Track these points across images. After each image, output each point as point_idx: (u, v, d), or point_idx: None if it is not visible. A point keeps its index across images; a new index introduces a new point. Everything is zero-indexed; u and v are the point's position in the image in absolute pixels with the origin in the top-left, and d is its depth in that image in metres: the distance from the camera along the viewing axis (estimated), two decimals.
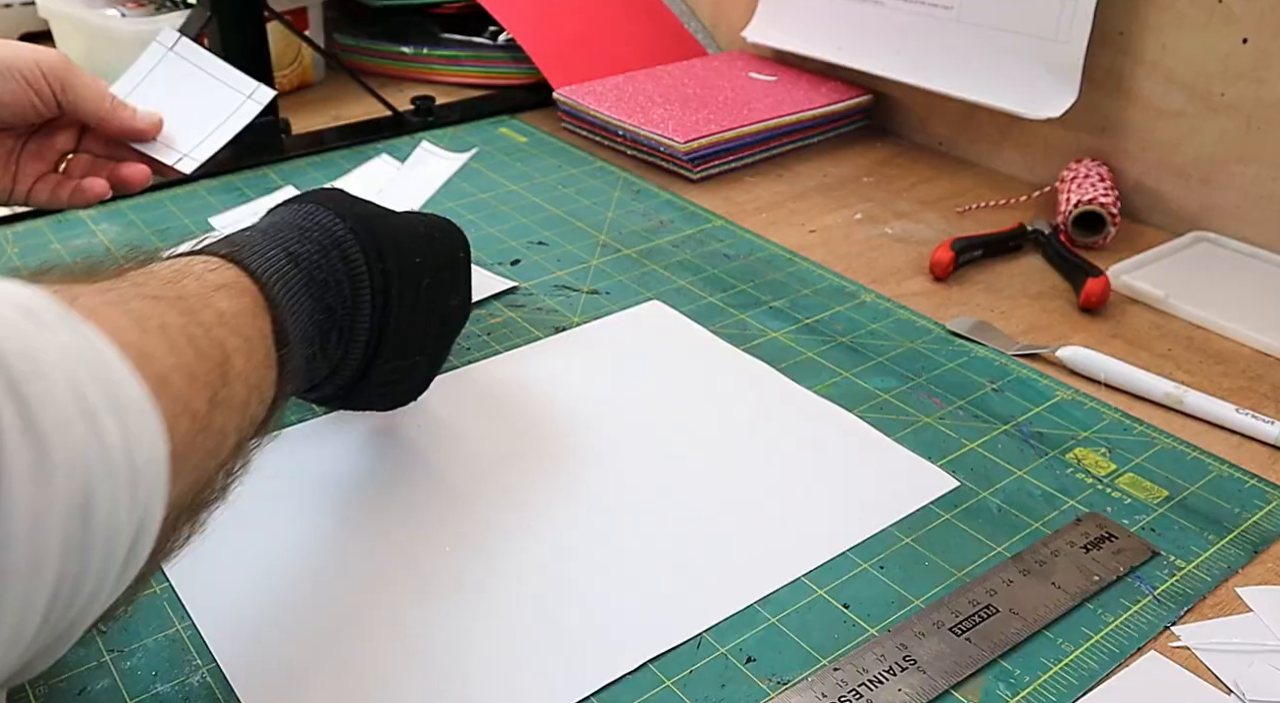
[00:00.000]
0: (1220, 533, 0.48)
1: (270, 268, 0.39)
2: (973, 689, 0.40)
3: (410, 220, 0.48)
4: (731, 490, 0.50)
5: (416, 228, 0.47)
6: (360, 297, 0.43)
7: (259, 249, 0.40)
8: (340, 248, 0.43)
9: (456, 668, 0.40)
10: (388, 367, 0.46)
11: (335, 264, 0.42)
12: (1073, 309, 0.67)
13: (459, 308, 0.50)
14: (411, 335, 0.46)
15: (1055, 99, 0.78)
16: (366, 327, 0.44)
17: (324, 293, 0.42)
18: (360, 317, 0.43)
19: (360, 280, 0.43)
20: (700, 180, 0.85)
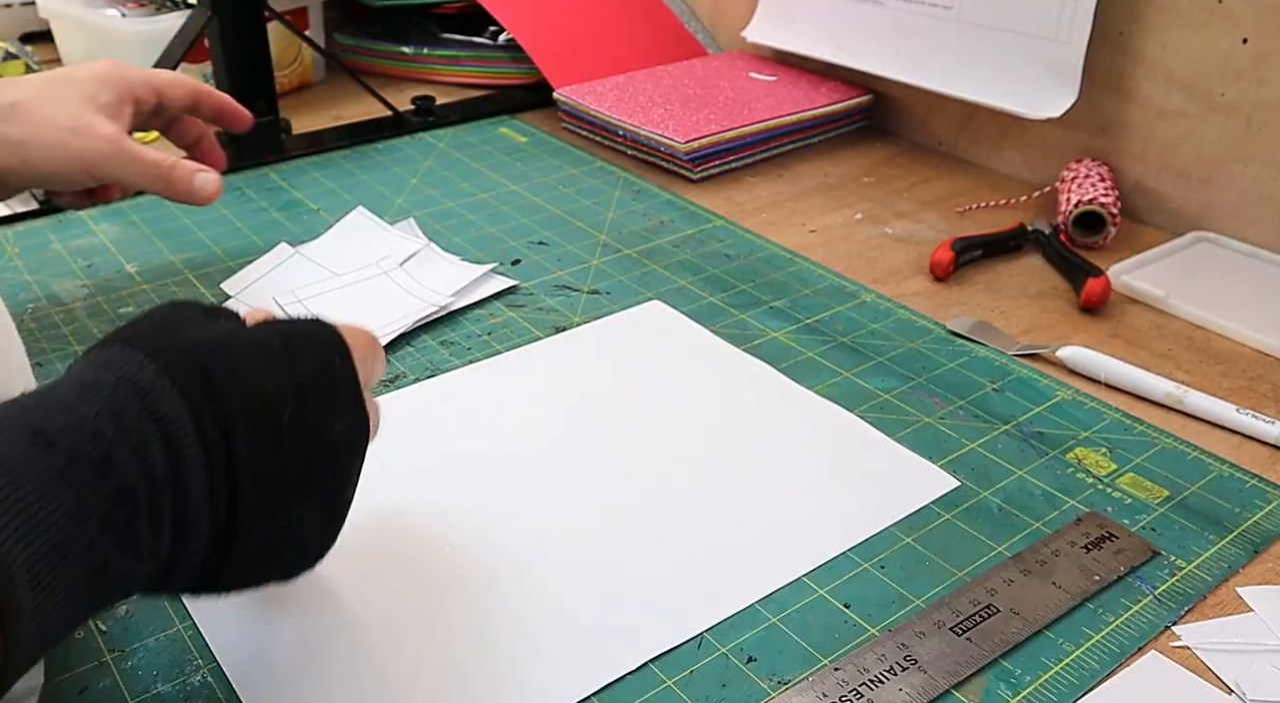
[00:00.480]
0: (1221, 533, 0.48)
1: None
2: (973, 689, 0.40)
3: (259, 337, 0.36)
4: (732, 491, 0.50)
5: (268, 345, 0.36)
6: (184, 459, 0.32)
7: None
8: (146, 400, 0.31)
9: (457, 667, 0.40)
10: (256, 536, 0.34)
11: (136, 425, 0.31)
12: (1073, 309, 0.67)
13: (348, 431, 0.37)
14: (284, 487, 0.35)
15: (1055, 99, 0.78)
16: (203, 495, 0.32)
17: (105, 475, 0.30)
18: (189, 485, 0.32)
19: (180, 438, 0.31)
20: (700, 180, 0.85)
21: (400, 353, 0.61)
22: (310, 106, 0.99)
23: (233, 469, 0.33)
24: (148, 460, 0.31)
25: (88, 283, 0.67)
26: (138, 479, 0.30)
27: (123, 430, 0.31)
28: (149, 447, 0.31)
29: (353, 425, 0.38)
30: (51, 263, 0.70)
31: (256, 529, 0.34)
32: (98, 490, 0.29)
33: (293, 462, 0.35)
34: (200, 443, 0.32)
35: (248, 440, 0.33)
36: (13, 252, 0.71)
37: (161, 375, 0.32)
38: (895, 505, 0.49)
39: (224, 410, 0.33)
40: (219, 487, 0.33)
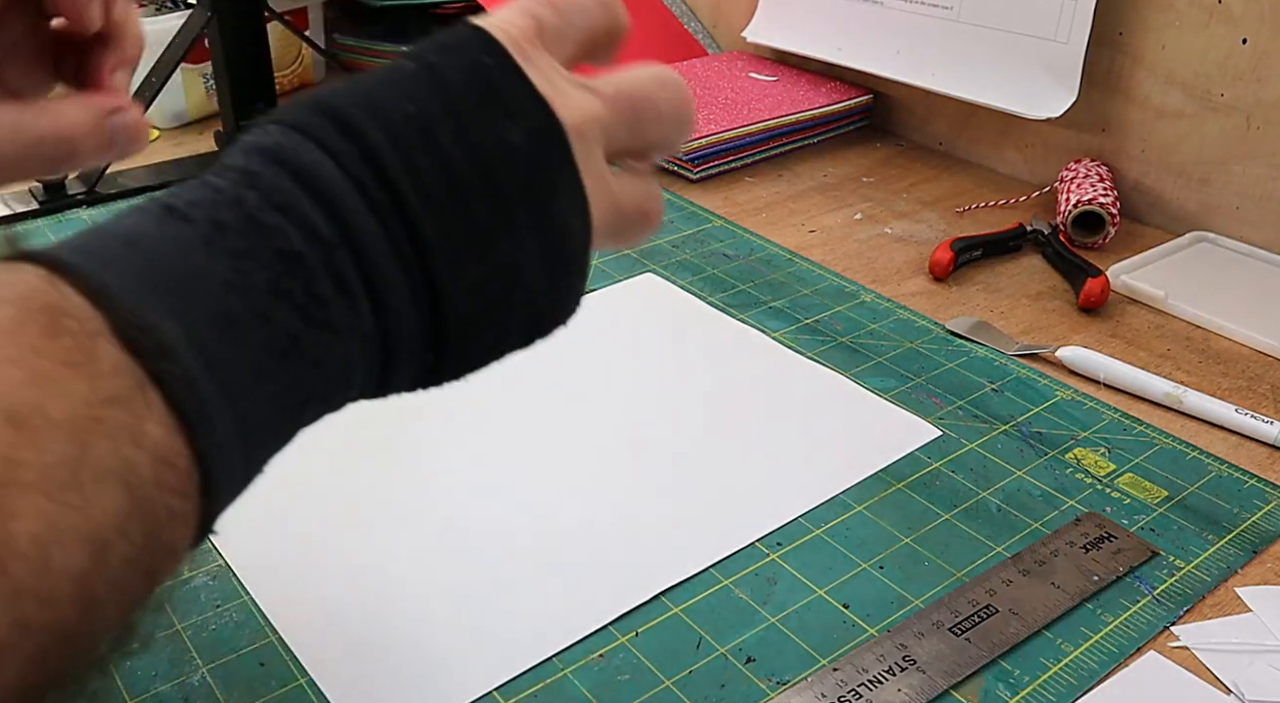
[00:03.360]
0: (1220, 533, 0.48)
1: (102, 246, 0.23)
2: (972, 689, 0.40)
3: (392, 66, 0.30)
4: (727, 441, 0.54)
5: (401, 69, 0.30)
6: (344, 209, 0.26)
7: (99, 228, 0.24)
8: (280, 159, 0.26)
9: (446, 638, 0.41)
10: (467, 283, 0.28)
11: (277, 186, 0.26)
12: (1072, 309, 0.67)
13: (535, 135, 0.29)
14: (476, 216, 0.28)
15: (1055, 99, 0.78)
16: (384, 246, 0.26)
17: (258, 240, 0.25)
18: (363, 236, 0.26)
19: (330, 186, 0.26)
20: (700, 180, 0.85)
21: None
22: None
23: (401, 206, 0.27)
24: (305, 220, 0.25)
25: None
26: (300, 241, 0.25)
27: (265, 195, 0.25)
28: (300, 206, 0.26)
29: (539, 129, 0.30)
30: None
31: (463, 276, 0.28)
32: (255, 257, 0.24)
33: (472, 185, 0.28)
34: (355, 187, 0.26)
35: (405, 170, 0.27)
36: None
37: (290, 132, 0.27)
38: (883, 452, 0.53)
39: (368, 146, 0.27)
40: (395, 231, 0.27)
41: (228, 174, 0.26)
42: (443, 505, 0.49)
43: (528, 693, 0.40)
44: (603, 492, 0.50)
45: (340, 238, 0.26)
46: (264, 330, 0.24)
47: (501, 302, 0.29)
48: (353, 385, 0.27)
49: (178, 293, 0.23)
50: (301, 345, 0.25)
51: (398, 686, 0.40)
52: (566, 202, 0.30)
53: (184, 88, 0.92)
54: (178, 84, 0.91)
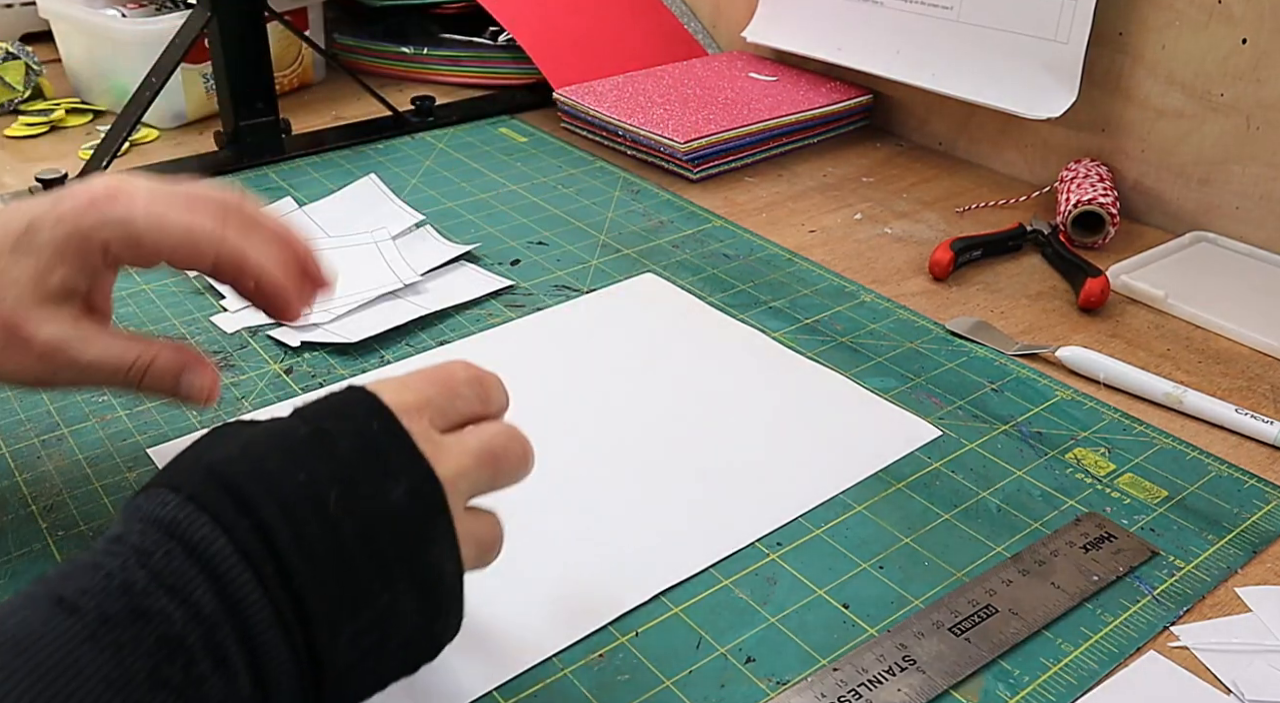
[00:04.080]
0: (1220, 533, 0.48)
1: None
2: (972, 689, 0.40)
3: (282, 429, 0.33)
4: (729, 442, 0.54)
5: (293, 434, 0.32)
6: (234, 585, 0.29)
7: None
8: (175, 535, 0.29)
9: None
10: (344, 639, 0.31)
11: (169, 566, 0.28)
12: (1072, 309, 0.67)
13: (413, 492, 0.32)
14: (355, 575, 0.31)
15: (1055, 99, 0.78)
16: (269, 615, 0.29)
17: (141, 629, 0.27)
18: (249, 610, 0.29)
19: (221, 563, 0.29)
20: (700, 180, 0.85)
21: (399, 352, 0.61)
22: (310, 106, 0.99)
23: (287, 577, 0.29)
24: (191, 599, 0.28)
25: None
26: (183, 623, 0.27)
27: (154, 575, 0.28)
28: (189, 584, 0.28)
29: (417, 486, 0.33)
30: None
31: (341, 634, 0.30)
32: (138, 647, 0.27)
33: (353, 547, 0.31)
34: (245, 561, 0.29)
35: (292, 540, 0.30)
36: None
37: (185, 505, 0.30)
38: (883, 452, 0.53)
39: (258, 519, 0.29)
40: (281, 601, 0.29)
41: (121, 551, 0.28)
42: None
43: (528, 693, 0.40)
44: (602, 492, 0.50)
45: (225, 613, 0.28)
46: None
47: (377, 648, 0.32)
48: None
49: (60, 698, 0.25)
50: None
51: (398, 685, 0.40)
52: (441, 548, 0.33)
53: (184, 88, 0.92)
54: (178, 84, 0.91)
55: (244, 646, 0.28)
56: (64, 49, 0.99)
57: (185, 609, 0.28)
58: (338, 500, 0.31)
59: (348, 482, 0.31)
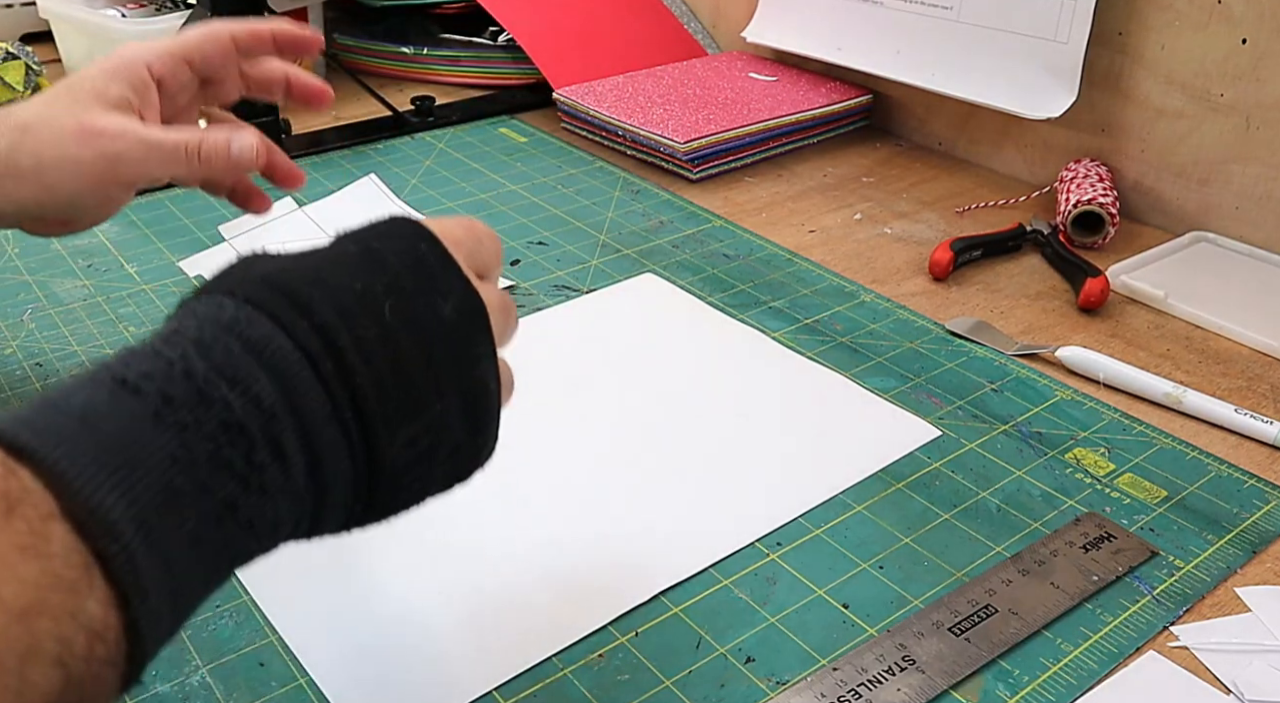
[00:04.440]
0: (1219, 533, 0.48)
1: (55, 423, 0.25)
2: (972, 689, 0.40)
3: (334, 249, 0.34)
4: (728, 441, 0.54)
5: (343, 250, 0.33)
6: (293, 380, 0.29)
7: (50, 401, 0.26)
8: (233, 331, 0.29)
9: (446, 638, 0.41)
10: (401, 441, 0.31)
11: (228, 359, 0.28)
12: (1072, 309, 0.67)
13: (459, 310, 0.34)
14: (411, 382, 0.32)
15: (1055, 99, 0.78)
16: (327, 411, 0.29)
17: (204, 412, 0.27)
18: (308, 404, 0.29)
19: (281, 359, 0.29)
20: (700, 180, 0.85)
21: None
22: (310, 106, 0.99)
23: (348, 375, 0.30)
24: (251, 390, 0.28)
25: (88, 283, 0.67)
26: (244, 411, 0.28)
27: (214, 366, 0.28)
28: (248, 376, 0.28)
29: (464, 305, 0.34)
30: (51, 263, 0.70)
31: (397, 435, 0.31)
32: (200, 429, 0.27)
33: (410, 353, 0.32)
34: (304, 357, 0.29)
35: (353, 342, 0.30)
36: (13, 252, 0.71)
37: (243, 306, 0.30)
38: (882, 452, 0.53)
39: (319, 321, 0.30)
40: (339, 397, 0.30)
41: (179, 343, 0.28)
42: (442, 505, 0.49)
43: (528, 693, 0.40)
44: (602, 491, 0.50)
45: (285, 407, 0.28)
46: (203, 500, 0.26)
47: (428, 454, 0.32)
48: (280, 536, 0.30)
49: (126, 468, 0.25)
50: (238, 511, 0.27)
51: (398, 685, 0.40)
52: (485, 365, 0.35)
53: None
54: None
55: (303, 440, 0.29)
56: (64, 49, 0.99)
57: (246, 399, 0.28)
58: (393, 309, 0.32)
59: (401, 293, 0.32)
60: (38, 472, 0.24)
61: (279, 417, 0.28)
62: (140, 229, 0.74)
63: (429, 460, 0.33)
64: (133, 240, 0.73)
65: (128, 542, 0.24)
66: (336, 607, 0.43)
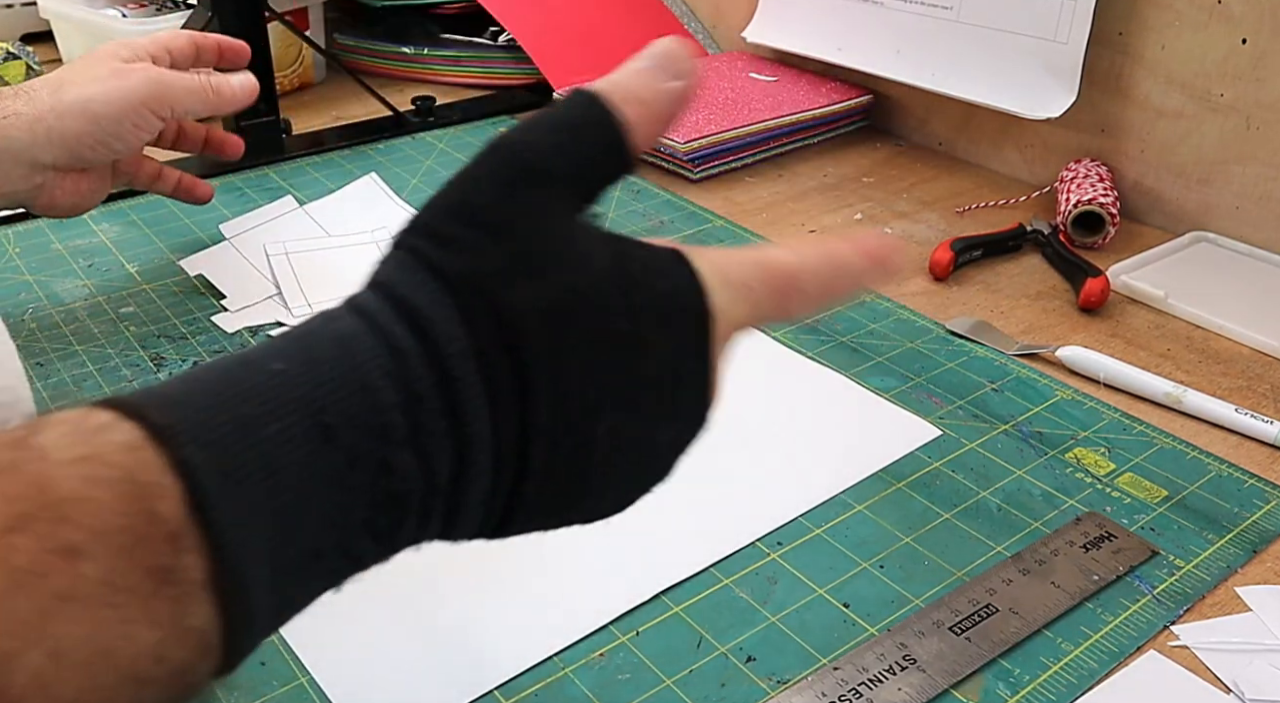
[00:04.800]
0: (1220, 532, 0.48)
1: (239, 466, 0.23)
2: (972, 688, 0.40)
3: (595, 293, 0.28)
4: (731, 441, 0.53)
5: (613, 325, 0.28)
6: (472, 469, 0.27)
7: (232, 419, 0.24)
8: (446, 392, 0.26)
9: (446, 637, 0.41)
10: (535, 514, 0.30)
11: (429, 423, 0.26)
12: (1072, 309, 0.67)
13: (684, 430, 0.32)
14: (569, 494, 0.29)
15: (1055, 99, 0.78)
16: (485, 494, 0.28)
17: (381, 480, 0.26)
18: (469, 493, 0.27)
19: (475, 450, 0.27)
20: (700, 180, 0.85)
21: None
22: (310, 106, 0.99)
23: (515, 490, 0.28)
24: (431, 466, 0.26)
25: (88, 283, 0.67)
26: (415, 484, 0.26)
27: (414, 428, 0.26)
28: (437, 453, 0.26)
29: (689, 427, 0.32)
30: (52, 263, 0.70)
31: (529, 524, 0.30)
32: (368, 493, 0.25)
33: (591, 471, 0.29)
34: (493, 459, 0.27)
35: (544, 459, 0.27)
36: (13, 251, 0.71)
37: (468, 359, 0.26)
38: (883, 452, 0.53)
39: (528, 420, 0.27)
40: (497, 501, 0.28)
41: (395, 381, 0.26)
42: None
43: (528, 692, 0.40)
44: None
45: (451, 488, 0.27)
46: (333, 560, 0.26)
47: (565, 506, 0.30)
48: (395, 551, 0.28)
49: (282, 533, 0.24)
50: (362, 562, 0.27)
51: (398, 685, 0.40)
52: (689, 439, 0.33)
53: None
54: None
55: (449, 514, 0.27)
56: (64, 49, 0.99)
57: (423, 474, 0.26)
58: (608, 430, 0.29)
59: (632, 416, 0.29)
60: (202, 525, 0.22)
61: (438, 497, 0.27)
62: (141, 229, 0.74)
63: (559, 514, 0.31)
64: (133, 240, 0.73)
65: (250, 610, 0.24)
66: (337, 606, 0.43)
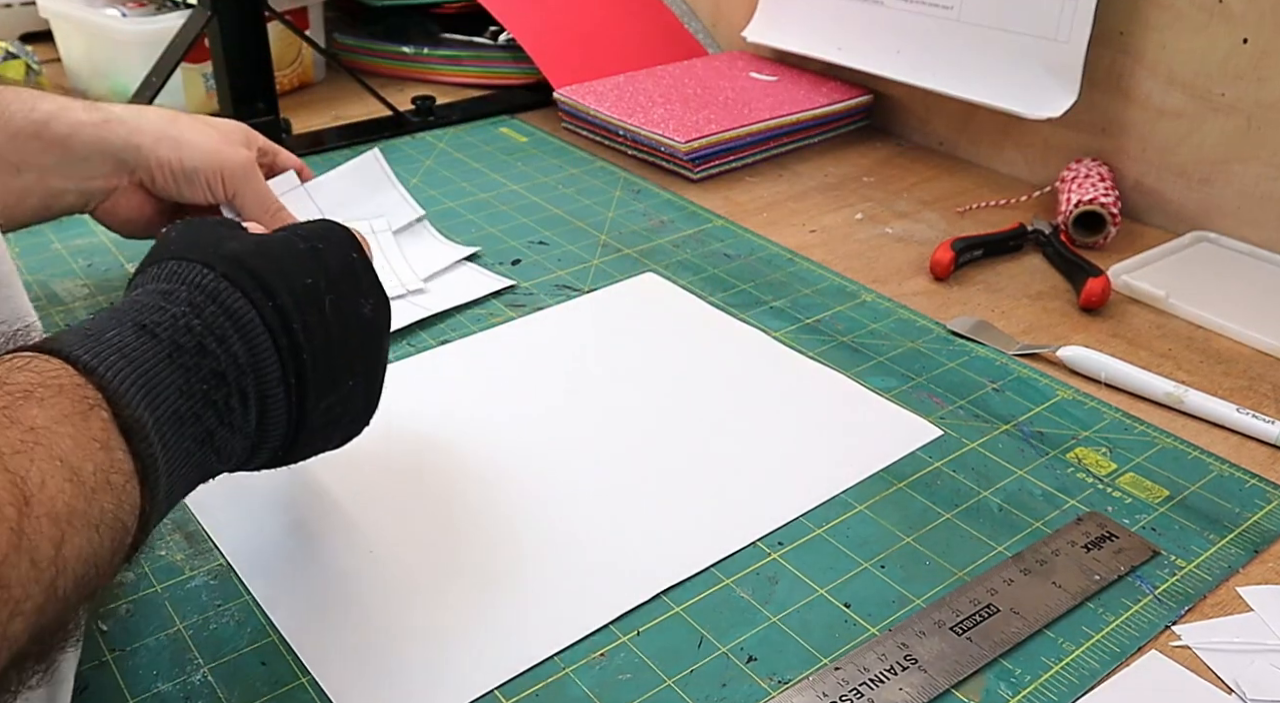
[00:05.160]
0: (1221, 532, 0.48)
1: (105, 350, 0.32)
2: (973, 689, 0.40)
3: (287, 241, 0.41)
4: (730, 441, 0.53)
5: (296, 247, 0.41)
6: (258, 347, 0.37)
7: (91, 332, 0.33)
8: (217, 301, 0.37)
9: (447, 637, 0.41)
10: (321, 407, 0.40)
11: (215, 321, 0.36)
12: (1073, 309, 0.67)
13: (374, 310, 0.43)
14: (336, 363, 0.40)
15: (1055, 99, 0.78)
16: (278, 375, 0.38)
17: (201, 360, 0.35)
18: (266, 368, 0.37)
19: (251, 329, 0.37)
20: (700, 180, 0.85)
21: (400, 351, 0.61)
22: (310, 106, 0.99)
23: (296, 351, 0.38)
24: (231, 349, 0.36)
25: (88, 282, 0.67)
26: (226, 364, 0.36)
27: (206, 325, 0.36)
28: (229, 338, 0.36)
29: (378, 306, 0.43)
30: (51, 262, 0.70)
31: (321, 402, 0.40)
32: (198, 372, 0.35)
33: (339, 340, 0.40)
34: (267, 331, 0.37)
35: (303, 326, 0.38)
36: (13, 251, 0.71)
37: (221, 280, 0.38)
38: (884, 452, 0.53)
39: (279, 304, 0.38)
40: (288, 366, 0.38)
41: (179, 302, 0.36)
42: (443, 505, 0.49)
43: (529, 692, 0.40)
44: (604, 491, 0.50)
45: (251, 367, 0.37)
46: (195, 426, 0.35)
47: (335, 419, 0.42)
48: (231, 465, 0.38)
49: (151, 394, 0.33)
50: (214, 439, 0.36)
51: (399, 684, 0.40)
52: (385, 354, 0.44)
53: (184, 87, 0.92)
54: (178, 83, 0.91)
55: (259, 394, 0.37)
56: (64, 49, 0.99)
57: (228, 356, 0.36)
58: (331, 304, 0.40)
59: (337, 291, 0.41)
60: (103, 390, 0.31)
61: (247, 374, 0.37)
62: None
63: (335, 424, 0.42)
64: (132, 240, 0.72)
65: (153, 448, 0.32)
66: (338, 606, 0.43)
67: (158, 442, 0.33)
